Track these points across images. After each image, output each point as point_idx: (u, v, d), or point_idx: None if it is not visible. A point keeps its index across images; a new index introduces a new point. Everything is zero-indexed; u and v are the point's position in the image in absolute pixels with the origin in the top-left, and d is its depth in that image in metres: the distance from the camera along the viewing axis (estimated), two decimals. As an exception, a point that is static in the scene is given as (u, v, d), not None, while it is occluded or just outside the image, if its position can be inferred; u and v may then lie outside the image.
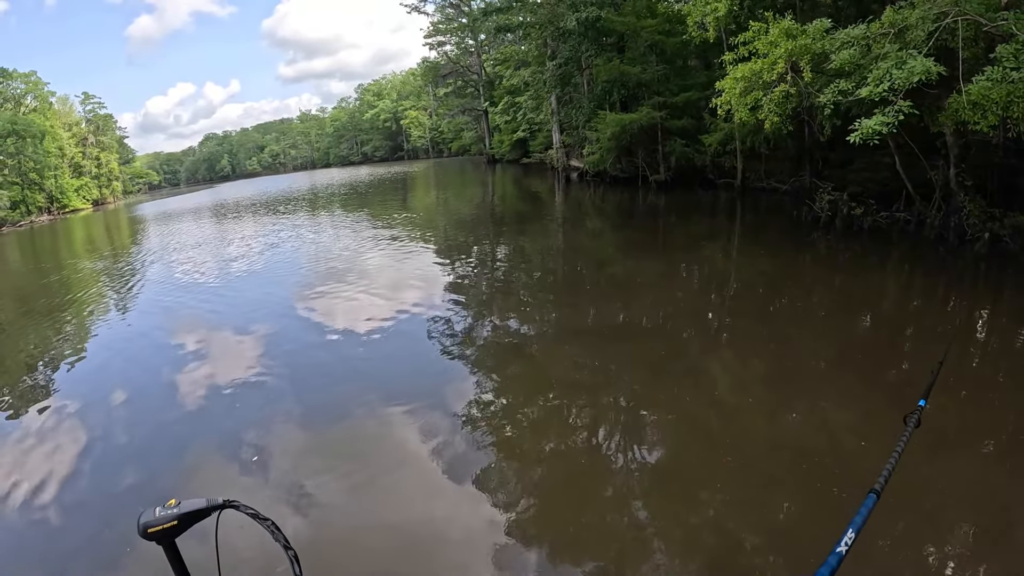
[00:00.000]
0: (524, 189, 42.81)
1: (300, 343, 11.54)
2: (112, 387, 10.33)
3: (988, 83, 10.57)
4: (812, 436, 6.91)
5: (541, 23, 34.46)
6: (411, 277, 16.24)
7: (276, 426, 8.13)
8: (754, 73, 14.98)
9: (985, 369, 8.56)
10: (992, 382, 8.04)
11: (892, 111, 11.46)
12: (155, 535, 1.67)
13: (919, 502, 5.36)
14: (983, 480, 5.81)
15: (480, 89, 72.34)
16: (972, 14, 11.69)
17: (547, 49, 36.89)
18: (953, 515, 5.35)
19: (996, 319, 10.61)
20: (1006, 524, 5.24)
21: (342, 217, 34.32)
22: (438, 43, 75.24)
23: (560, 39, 33.96)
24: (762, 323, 11.02)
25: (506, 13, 39.85)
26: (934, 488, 5.58)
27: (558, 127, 42.24)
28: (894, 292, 12.64)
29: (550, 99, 40.72)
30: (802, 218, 18.46)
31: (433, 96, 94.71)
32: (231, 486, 6.74)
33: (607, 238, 21.13)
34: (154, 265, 23.72)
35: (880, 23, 12.97)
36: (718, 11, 18.09)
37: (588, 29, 31.15)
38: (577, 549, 5.32)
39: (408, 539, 5.63)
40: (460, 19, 69.51)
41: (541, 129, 51.78)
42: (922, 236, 15.59)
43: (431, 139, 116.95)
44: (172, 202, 76.16)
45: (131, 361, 11.84)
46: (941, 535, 5.13)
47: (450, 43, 74.97)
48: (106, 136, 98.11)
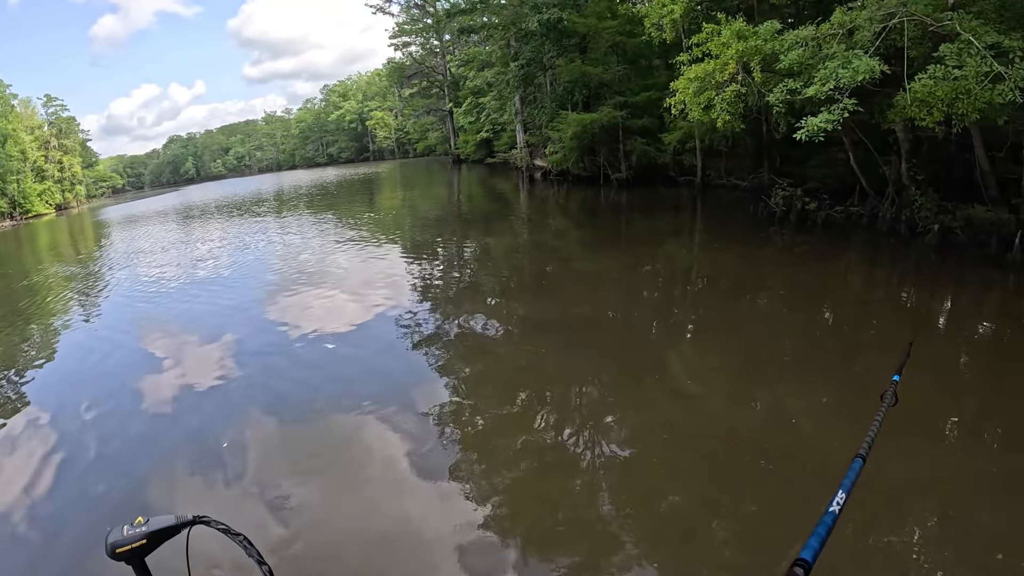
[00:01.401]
0: (489, 188, 42.77)
1: (269, 346, 11.35)
2: (79, 395, 10.03)
3: (931, 81, 10.83)
4: (773, 426, 7.03)
5: (504, 24, 34.44)
6: (379, 278, 16.10)
7: (245, 430, 7.98)
8: (707, 73, 15.25)
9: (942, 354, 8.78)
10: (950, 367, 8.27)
11: (837, 109, 11.71)
12: (124, 555, 1.60)
13: (882, 486, 5.46)
14: (944, 462, 5.98)
15: (445, 90, 72.16)
16: (918, 14, 11.96)
17: (510, 50, 36.88)
18: (915, 498, 5.48)
19: (950, 305, 10.95)
20: (968, 508, 5.38)
21: (309, 219, 33.88)
22: (403, 44, 74.71)
23: (523, 40, 33.98)
24: (722, 315, 11.21)
25: (470, 14, 39.81)
26: (897, 472, 5.70)
27: (522, 127, 42.27)
28: (846, 283, 12.96)
29: (514, 99, 40.74)
30: (758, 214, 18.81)
31: (399, 97, 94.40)
32: (201, 495, 6.52)
33: (571, 236, 21.20)
34: (121, 270, 23.14)
35: (830, 24, 13.22)
36: (674, 13, 18.31)
37: (550, 30, 31.20)
38: (551, 543, 5.33)
39: (384, 542, 5.56)
40: (425, 20, 69.25)
41: (505, 129, 51.78)
42: (875, 229, 15.99)
43: (397, 140, 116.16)
44: (137, 206, 74.37)
45: (98, 367, 11.56)
46: (903, 519, 5.23)
47: (415, 44, 74.53)
48: (69, 139, 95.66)
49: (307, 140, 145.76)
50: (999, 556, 4.74)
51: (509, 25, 33.79)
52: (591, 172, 32.13)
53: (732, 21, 15.15)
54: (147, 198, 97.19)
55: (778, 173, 20.78)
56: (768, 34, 14.17)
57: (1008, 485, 5.57)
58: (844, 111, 11.68)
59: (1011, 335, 9.68)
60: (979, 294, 11.73)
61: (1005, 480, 5.64)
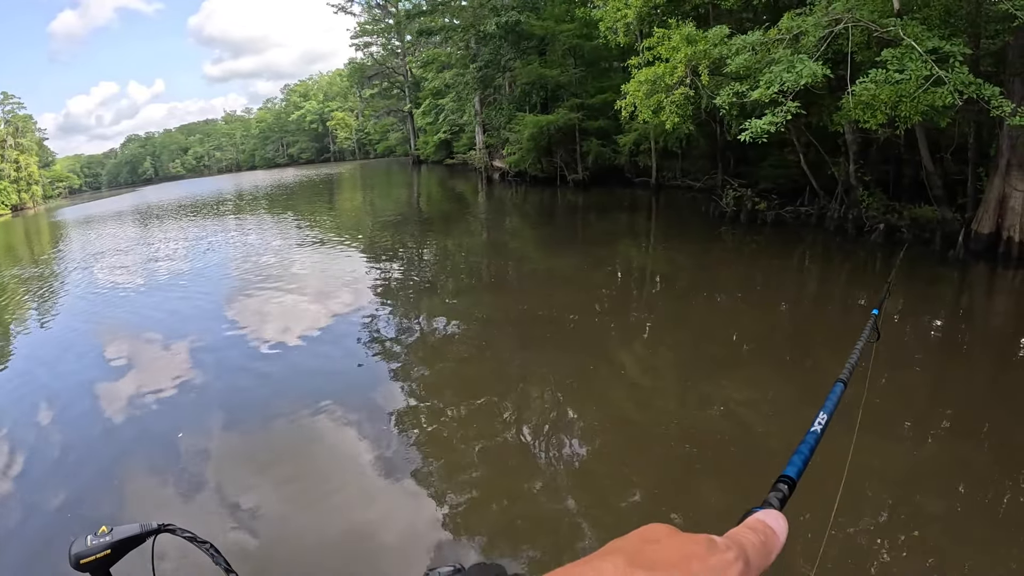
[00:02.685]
0: (449, 189, 42.62)
1: (228, 349, 11.02)
2: (34, 400, 9.60)
3: (872, 84, 11.01)
4: (722, 418, 7.13)
5: (463, 27, 34.34)
6: (339, 279, 15.90)
7: (205, 436, 7.71)
8: (657, 77, 15.33)
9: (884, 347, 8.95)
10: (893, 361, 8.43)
11: (781, 111, 11.87)
12: (88, 566, 1.51)
13: (836, 479, 5.53)
14: (898, 456, 6.06)
15: (406, 90, 71.65)
16: (864, 20, 12.13)
17: (470, 52, 36.80)
18: (869, 490, 5.54)
19: (893, 299, 11.15)
20: (918, 497, 5.48)
21: (270, 220, 33.24)
22: (365, 44, 73.89)
23: (482, 42, 33.93)
24: (672, 312, 11.50)
25: (430, 15, 39.60)
26: (853, 463, 5.78)
27: (481, 128, 42.18)
28: (791, 279, 13.36)
29: (474, 100, 40.65)
30: (710, 214, 19.06)
31: (360, 97, 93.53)
32: (160, 502, 6.25)
33: (527, 236, 21.26)
34: (77, 272, 22.28)
35: (778, 29, 13.37)
36: (627, 17, 18.39)
37: (508, 33, 31.18)
38: (514, 539, 5.29)
39: (347, 544, 5.47)
40: (387, 20, 68.59)
41: (464, 130, 51.61)
42: (823, 228, 16.37)
43: (358, 141, 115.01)
44: (95, 206, 72.00)
45: (53, 372, 11.06)
46: (859, 510, 5.27)
47: (377, 44, 73.83)
48: (25, 138, 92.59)
49: (267, 140, 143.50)
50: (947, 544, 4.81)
51: (468, 27, 33.70)
52: (548, 173, 32.19)
53: (682, 25, 15.25)
54: (104, 199, 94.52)
55: (733, 174, 21.03)
56: (717, 39, 14.28)
57: (958, 472, 5.77)
58: (788, 113, 11.84)
59: (946, 326, 10.05)
60: (918, 287, 12.04)
61: (956, 467, 5.85)
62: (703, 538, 0.54)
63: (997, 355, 9.07)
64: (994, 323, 10.65)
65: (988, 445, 6.34)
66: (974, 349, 9.52)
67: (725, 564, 0.52)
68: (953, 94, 10.58)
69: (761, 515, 0.64)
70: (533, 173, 32.98)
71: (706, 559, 0.52)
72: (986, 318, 10.97)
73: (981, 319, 10.94)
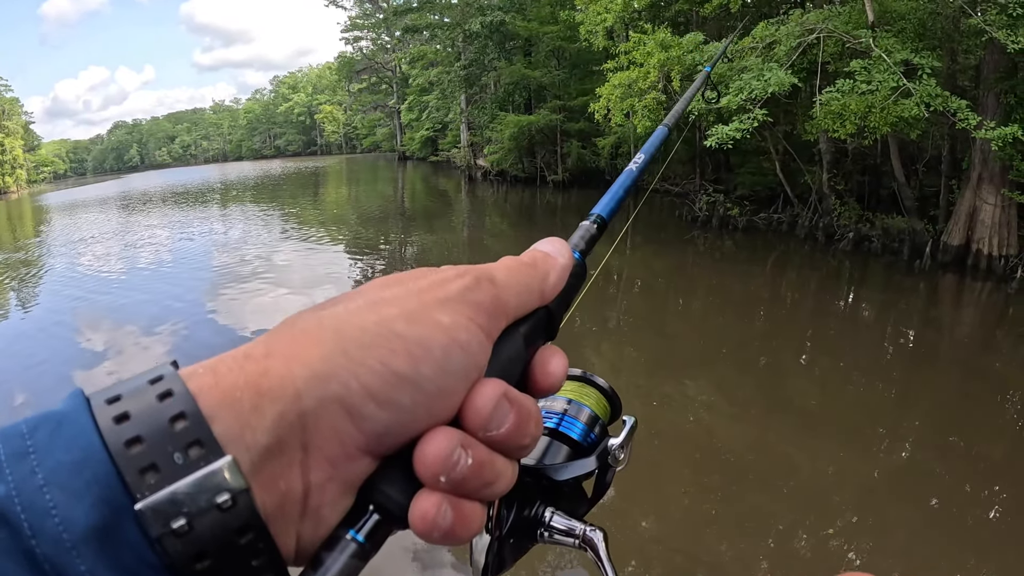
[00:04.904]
0: (432, 187, 42.54)
1: (208, 343, 10.76)
2: (7, 387, 9.39)
3: (839, 95, 11.08)
4: (683, 417, 7.32)
5: (449, 25, 34.23)
6: (322, 274, 15.80)
7: None
8: (631, 81, 15.33)
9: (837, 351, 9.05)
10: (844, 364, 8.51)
11: (748, 119, 11.92)
12: None
13: (784, 481, 5.54)
14: (843, 460, 6.17)
15: (394, 86, 71.29)
16: (838, 31, 12.19)
17: (456, 50, 36.67)
18: (835, 495, 5.63)
19: (843, 303, 11.35)
20: (878, 504, 5.52)
21: (254, 213, 32.75)
22: (354, 38, 73.41)
23: (467, 41, 33.83)
24: (639, 313, 11.88)
25: (418, 12, 39.37)
26: (799, 467, 5.80)
27: (466, 126, 42.02)
28: (757, 284, 13.52)
29: (460, 99, 40.50)
30: (683, 218, 19.21)
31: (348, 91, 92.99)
32: None
33: (507, 236, 21.37)
34: (60, 258, 21.83)
35: (752, 37, 13.41)
36: (606, 21, 18.43)
37: (493, 32, 31.10)
38: None
39: None
40: (377, 15, 68.15)
41: (450, 127, 51.39)
42: (793, 235, 16.45)
43: (345, 134, 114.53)
44: (80, 192, 70.81)
45: (32, 360, 10.80)
46: (826, 516, 5.36)
47: (367, 39, 73.39)
48: (11, 121, 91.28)
49: (255, 131, 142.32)
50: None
51: (454, 26, 33.57)
52: (529, 173, 32.15)
53: (659, 31, 15.25)
54: (90, 185, 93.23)
55: (712, 180, 21.10)
56: (691, 45, 14.30)
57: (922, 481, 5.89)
58: (755, 121, 11.89)
59: (910, 335, 10.16)
60: (882, 296, 12.36)
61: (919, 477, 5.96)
62: (418, 269, 0.46)
63: (955, 363, 9.27)
64: (960, 333, 10.81)
65: (949, 454, 6.41)
66: (933, 357, 9.65)
67: (439, 281, 0.43)
68: (920, 106, 10.63)
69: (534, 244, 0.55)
70: (514, 173, 32.96)
71: (408, 283, 0.43)
72: (951, 328, 11.10)
73: (947, 329, 11.06)
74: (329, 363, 0.37)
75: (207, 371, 0.36)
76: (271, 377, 0.36)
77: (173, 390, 0.34)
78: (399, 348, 0.38)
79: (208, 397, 0.34)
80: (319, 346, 0.37)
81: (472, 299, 0.42)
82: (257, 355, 0.37)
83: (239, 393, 0.35)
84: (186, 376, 0.35)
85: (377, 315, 0.39)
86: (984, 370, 8.85)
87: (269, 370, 0.36)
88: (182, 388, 0.34)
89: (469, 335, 0.41)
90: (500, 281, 0.45)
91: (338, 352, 0.37)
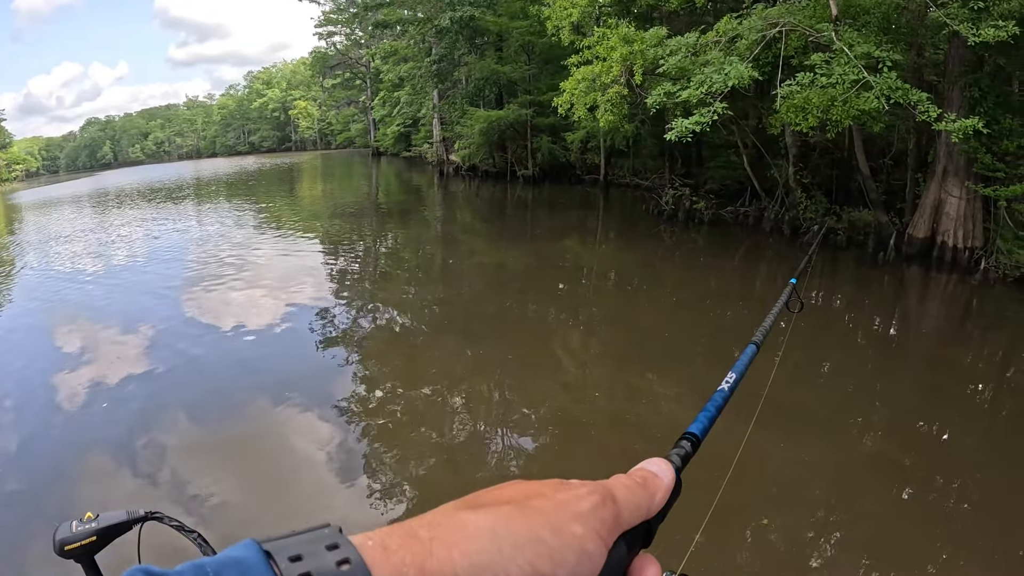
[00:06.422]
0: (405, 182, 42.23)
1: (184, 340, 10.55)
2: None
3: (798, 88, 10.99)
4: (648, 409, 7.39)
5: (420, 20, 33.88)
6: (297, 270, 15.56)
7: (162, 427, 7.37)
8: (595, 75, 15.17)
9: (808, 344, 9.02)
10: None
11: (708, 112, 11.78)
12: (73, 552, 1.46)
13: (753, 474, 5.54)
14: (812, 452, 6.15)
15: (367, 82, 70.64)
16: (800, 25, 12.07)
17: (427, 45, 36.31)
18: (784, 487, 5.62)
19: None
20: (847, 496, 5.54)
21: (228, 209, 32.17)
22: (328, 33, 72.65)
23: (437, 36, 33.49)
24: (605, 306, 11.95)
25: (390, 7, 38.91)
26: (767, 459, 5.84)
27: (439, 121, 41.67)
28: (718, 275, 13.65)
29: (432, 94, 40.12)
30: (651, 212, 19.19)
31: (322, 87, 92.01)
32: (117, 493, 6.07)
33: (479, 230, 21.44)
34: (32, 256, 21.31)
35: (715, 31, 13.28)
36: (572, 17, 18.25)
37: (463, 28, 30.79)
38: None
39: None
40: (351, 9, 67.36)
41: (422, 123, 51.01)
42: (760, 228, 16.45)
43: (319, 130, 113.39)
44: (53, 190, 69.08)
45: (3, 358, 10.52)
46: (788, 506, 5.34)
47: (340, 34, 72.61)
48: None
49: (229, 127, 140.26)
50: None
51: (425, 21, 33.23)
52: (500, 168, 31.98)
53: (621, 25, 15.07)
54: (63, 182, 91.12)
55: (682, 174, 21.04)
56: (654, 40, 14.12)
57: (886, 471, 5.87)
58: (714, 114, 11.75)
59: (859, 324, 10.47)
60: (846, 287, 12.54)
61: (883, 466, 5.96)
62: (553, 480, 0.52)
63: (921, 354, 9.38)
64: (927, 325, 10.92)
65: (917, 445, 6.41)
66: (901, 349, 9.71)
67: (575, 497, 0.50)
68: (880, 99, 10.54)
69: (642, 463, 0.62)
70: (485, 168, 32.77)
71: (551, 495, 0.50)
72: (918, 320, 11.25)
73: (913, 321, 11.20)
74: (485, 556, 0.42)
75: (377, 545, 0.41)
76: (435, 560, 0.41)
77: (350, 559, 0.39)
78: (544, 553, 0.45)
79: (380, 570, 0.39)
80: (477, 540, 0.43)
81: (600, 515, 0.50)
82: (423, 537, 0.42)
83: (407, 570, 0.40)
84: (357, 544, 0.40)
85: (527, 522, 0.46)
86: (950, 361, 8.88)
87: (433, 553, 0.41)
88: (358, 558, 0.39)
89: (594, 546, 0.48)
90: (620, 500, 0.53)
91: (494, 549, 0.43)
